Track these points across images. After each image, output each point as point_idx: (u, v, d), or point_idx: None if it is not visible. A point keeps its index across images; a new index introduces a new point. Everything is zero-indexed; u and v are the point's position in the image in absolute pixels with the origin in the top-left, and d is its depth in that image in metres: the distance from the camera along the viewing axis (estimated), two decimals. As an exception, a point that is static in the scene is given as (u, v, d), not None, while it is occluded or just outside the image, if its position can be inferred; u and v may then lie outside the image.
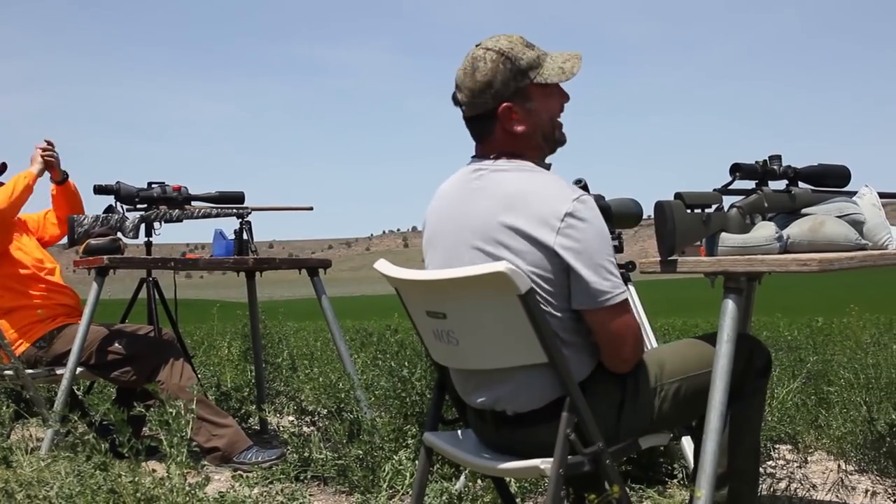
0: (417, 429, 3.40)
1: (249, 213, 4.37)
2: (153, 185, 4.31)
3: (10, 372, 3.92)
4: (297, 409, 4.10)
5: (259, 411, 4.46)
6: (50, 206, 4.46)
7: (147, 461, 2.75)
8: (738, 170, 2.43)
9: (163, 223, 4.31)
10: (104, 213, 4.25)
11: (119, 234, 4.22)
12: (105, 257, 3.95)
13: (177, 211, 4.31)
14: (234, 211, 4.35)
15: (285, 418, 4.92)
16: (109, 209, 4.26)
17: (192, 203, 4.36)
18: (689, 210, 2.32)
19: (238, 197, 4.38)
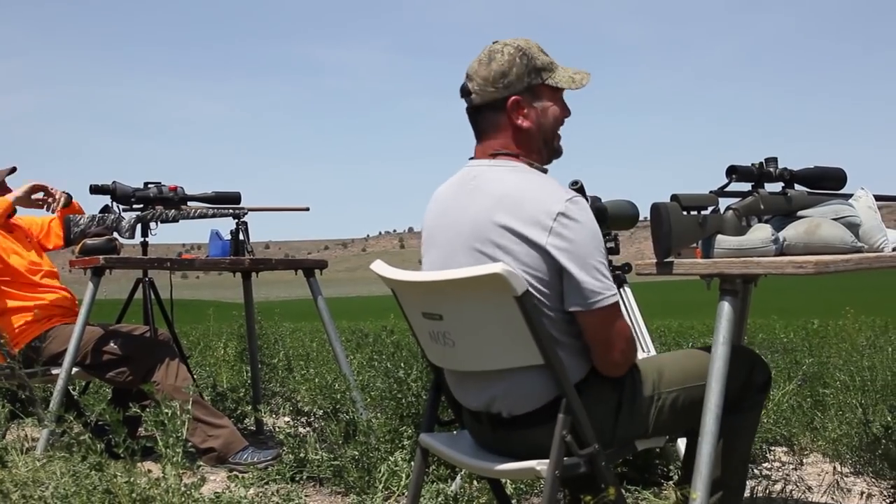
0: (413, 430, 3.40)
1: (246, 213, 4.36)
2: (149, 185, 4.31)
3: (7, 371, 3.91)
4: (292, 410, 4.10)
5: (255, 412, 4.46)
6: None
7: (143, 462, 2.75)
8: (734, 172, 2.43)
9: (159, 223, 4.30)
10: (100, 212, 4.25)
11: (115, 234, 4.21)
12: (101, 257, 3.95)
13: (173, 211, 4.30)
14: (231, 211, 4.35)
15: (281, 419, 4.92)
16: (106, 209, 4.25)
17: (189, 203, 4.36)
18: (685, 212, 2.32)
19: (234, 197, 4.38)
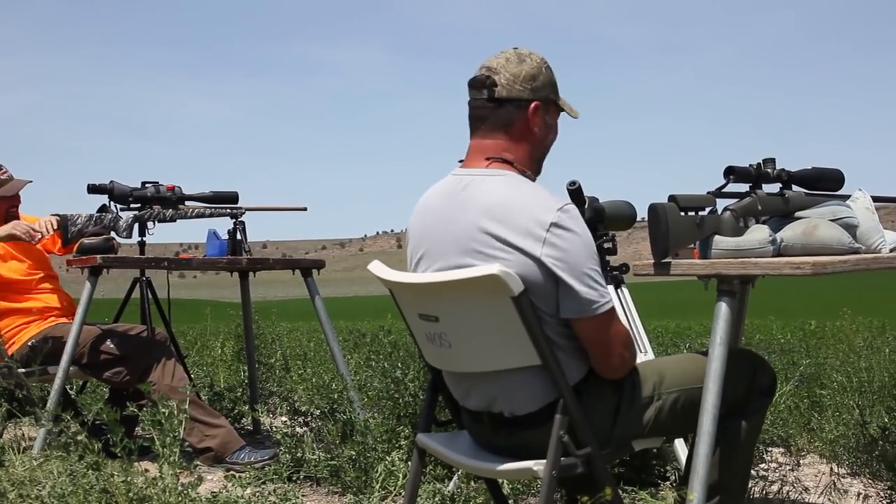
0: (410, 430, 3.40)
1: (243, 213, 4.36)
2: (147, 185, 4.30)
3: (4, 370, 3.91)
4: (290, 410, 4.10)
5: (252, 412, 4.45)
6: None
7: (139, 461, 2.74)
8: (732, 173, 2.43)
9: (156, 223, 4.29)
10: (98, 212, 4.24)
11: (112, 234, 4.20)
12: (98, 257, 3.94)
13: (170, 211, 4.30)
14: (228, 211, 4.34)
15: (278, 419, 4.91)
16: (103, 208, 4.24)
17: (186, 203, 4.35)
18: (682, 212, 2.32)
19: (232, 197, 4.37)
